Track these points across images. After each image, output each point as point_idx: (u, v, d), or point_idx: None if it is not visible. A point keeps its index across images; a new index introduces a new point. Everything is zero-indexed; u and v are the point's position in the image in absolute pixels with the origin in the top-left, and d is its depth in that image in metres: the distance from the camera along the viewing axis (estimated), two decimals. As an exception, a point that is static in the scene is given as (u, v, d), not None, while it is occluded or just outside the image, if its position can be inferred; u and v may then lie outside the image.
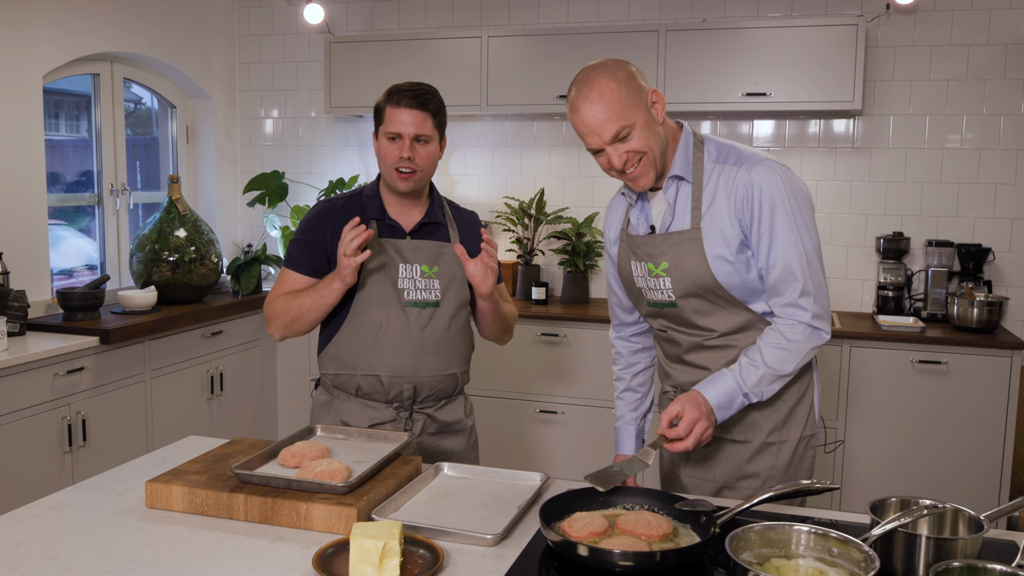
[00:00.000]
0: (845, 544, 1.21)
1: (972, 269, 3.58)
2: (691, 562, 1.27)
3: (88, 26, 3.59)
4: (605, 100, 1.56)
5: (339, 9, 4.35)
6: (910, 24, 3.67)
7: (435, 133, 1.90)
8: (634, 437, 1.91)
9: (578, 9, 4.05)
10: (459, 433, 2.04)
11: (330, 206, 1.98)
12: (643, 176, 1.63)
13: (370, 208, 1.96)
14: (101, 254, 3.95)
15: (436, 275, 1.94)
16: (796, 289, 1.62)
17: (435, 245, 1.95)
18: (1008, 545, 1.35)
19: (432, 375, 1.94)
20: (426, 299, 1.93)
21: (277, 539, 1.36)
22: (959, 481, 3.29)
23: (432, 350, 1.93)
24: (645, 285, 1.74)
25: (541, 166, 4.20)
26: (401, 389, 1.93)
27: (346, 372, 1.95)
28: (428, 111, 1.88)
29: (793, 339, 1.63)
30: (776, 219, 1.61)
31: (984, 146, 3.64)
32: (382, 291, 1.91)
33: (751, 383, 1.62)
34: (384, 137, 1.89)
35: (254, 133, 4.61)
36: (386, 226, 1.95)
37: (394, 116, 1.87)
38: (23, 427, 2.82)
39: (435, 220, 1.98)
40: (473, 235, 2.03)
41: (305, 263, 1.96)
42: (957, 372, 3.27)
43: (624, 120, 1.57)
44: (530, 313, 3.70)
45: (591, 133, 1.59)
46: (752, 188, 1.61)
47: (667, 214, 1.70)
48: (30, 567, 1.26)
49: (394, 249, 1.93)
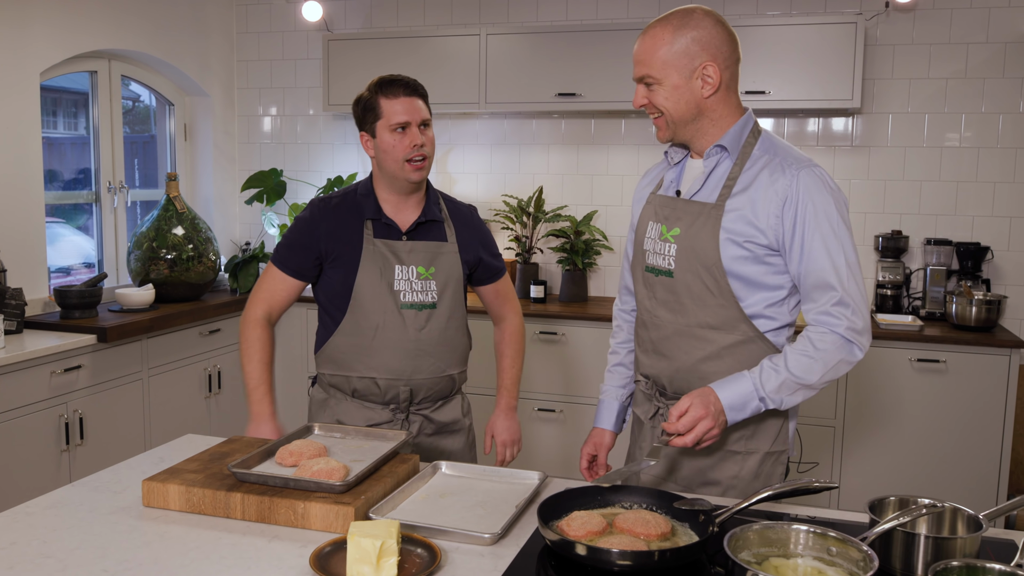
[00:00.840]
0: (844, 543, 1.21)
1: (971, 268, 3.58)
2: (689, 561, 1.26)
3: (86, 23, 3.58)
4: (647, 43, 1.59)
5: (337, 6, 4.35)
6: (909, 22, 3.66)
7: (430, 117, 1.91)
8: (616, 412, 1.88)
9: (577, 6, 4.05)
10: (457, 433, 2.04)
11: (324, 206, 1.95)
12: (659, 130, 1.66)
13: (365, 207, 1.93)
14: (99, 252, 3.95)
15: (433, 276, 1.92)
16: (833, 297, 1.55)
17: (431, 246, 1.93)
18: (1007, 544, 1.35)
19: (429, 377, 1.93)
20: (423, 301, 1.91)
21: (274, 538, 1.36)
22: (957, 480, 3.30)
23: (429, 352, 1.92)
24: (652, 248, 1.70)
25: (540, 164, 4.19)
26: (398, 391, 1.92)
27: (342, 373, 1.94)
28: (422, 96, 1.89)
29: (822, 348, 1.55)
30: (819, 226, 1.55)
31: (983, 144, 3.64)
32: (378, 293, 1.89)
33: (770, 388, 1.54)
34: (387, 131, 1.86)
35: (252, 131, 4.60)
36: (382, 226, 1.92)
37: (394, 107, 1.85)
38: (20, 425, 2.82)
39: (432, 218, 1.95)
40: (470, 231, 2.01)
41: (291, 264, 1.94)
42: (955, 371, 3.27)
43: (650, 70, 1.59)
44: (528, 311, 3.69)
45: (633, 62, 1.63)
46: (798, 192, 1.55)
47: (697, 182, 1.66)
48: (26, 566, 1.26)
49: (390, 250, 1.91)
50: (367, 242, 1.90)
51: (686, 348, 1.66)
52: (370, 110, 1.88)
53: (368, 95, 1.88)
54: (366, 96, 1.89)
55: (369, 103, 1.88)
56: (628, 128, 4.05)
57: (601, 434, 1.88)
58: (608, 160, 4.08)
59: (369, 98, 1.88)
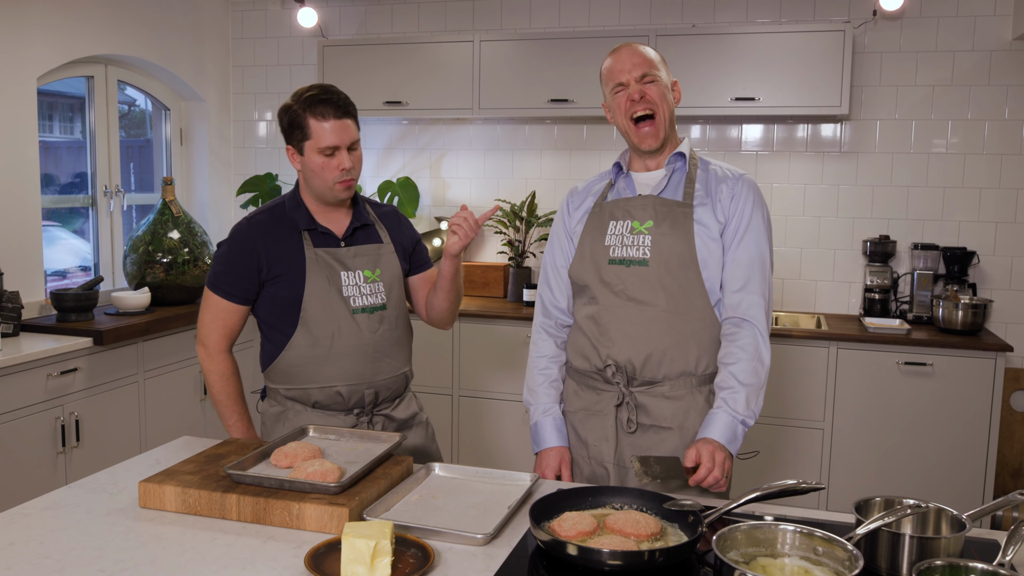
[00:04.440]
0: (830, 543, 1.23)
1: (957, 272, 3.62)
2: (679, 561, 1.28)
3: (82, 29, 3.60)
4: (641, 51, 1.83)
5: (332, 13, 4.37)
6: (896, 30, 3.71)
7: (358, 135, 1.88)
8: (558, 429, 1.88)
9: (569, 13, 4.08)
10: (416, 427, 2.03)
11: (254, 223, 1.90)
12: (651, 135, 1.81)
13: (299, 219, 1.89)
14: (95, 255, 3.95)
15: (379, 277, 1.92)
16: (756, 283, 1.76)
17: (372, 248, 1.94)
18: (991, 544, 1.37)
19: (388, 377, 1.94)
20: (374, 304, 1.90)
21: (269, 539, 1.38)
22: (944, 481, 3.33)
23: (386, 353, 1.93)
24: (618, 243, 1.81)
25: (532, 169, 4.22)
26: (362, 395, 1.91)
27: (300, 387, 1.90)
28: (351, 116, 1.85)
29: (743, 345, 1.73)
30: (754, 221, 1.79)
31: (969, 151, 3.68)
32: (329, 302, 1.86)
33: (741, 407, 1.70)
34: (315, 152, 1.82)
35: (247, 135, 4.62)
36: (319, 235, 1.90)
37: (323, 130, 1.80)
38: (16, 428, 2.83)
39: (365, 222, 1.96)
40: (399, 227, 2.03)
41: (237, 291, 1.89)
42: (942, 374, 3.30)
43: (652, 68, 1.80)
44: (521, 315, 3.72)
45: (622, 71, 1.80)
46: (741, 190, 1.81)
47: (659, 185, 1.84)
48: (23, 567, 1.27)
49: (333, 258, 1.88)
50: (308, 252, 1.87)
51: (659, 333, 1.76)
52: (298, 127, 1.83)
53: (297, 111, 1.82)
54: (294, 110, 1.82)
55: (297, 120, 1.82)
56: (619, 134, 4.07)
57: (561, 452, 1.87)
58: (600, 165, 4.11)
59: (298, 114, 1.82)
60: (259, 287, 1.90)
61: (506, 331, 3.74)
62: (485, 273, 4.11)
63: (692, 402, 1.79)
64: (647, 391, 1.80)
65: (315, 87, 1.85)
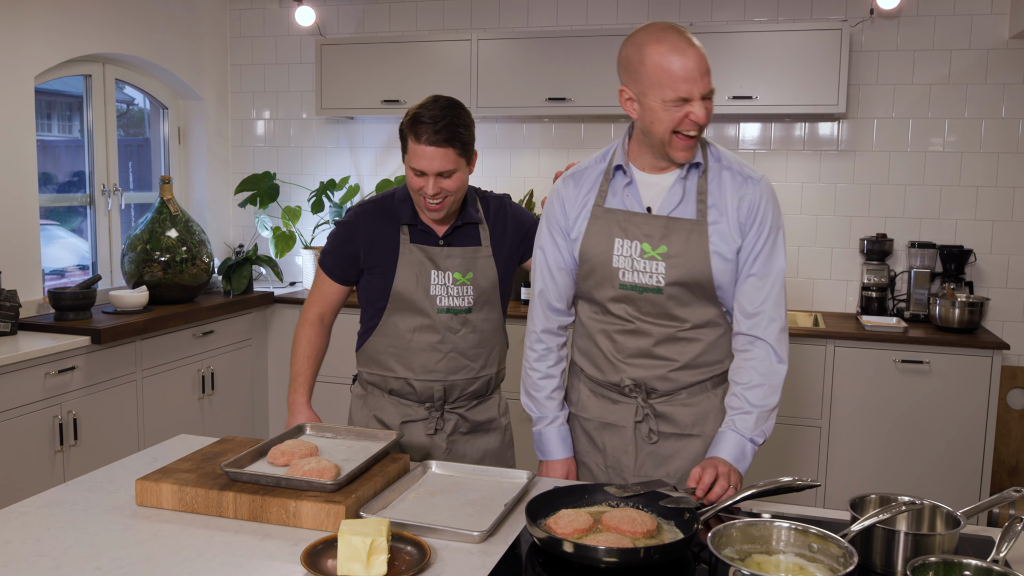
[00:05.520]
0: (824, 540, 1.24)
1: (954, 270, 3.63)
2: (674, 558, 1.29)
3: (80, 27, 3.59)
4: (701, 56, 1.59)
5: (330, 11, 4.37)
6: (893, 29, 3.71)
7: (461, 162, 1.82)
8: (563, 440, 1.83)
9: (567, 12, 4.08)
10: (492, 432, 2.06)
11: (361, 211, 1.98)
12: (691, 152, 1.65)
13: (402, 213, 1.93)
14: (93, 254, 3.95)
15: (470, 281, 1.93)
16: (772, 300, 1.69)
17: (468, 251, 1.94)
18: (985, 541, 1.38)
19: (464, 378, 1.96)
20: (459, 306, 1.93)
21: (266, 536, 1.38)
22: (941, 479, 3.34)
23: (464, 354, 1.95)
24: (628, 266, 1.68)
25: (530, 168, 4.22)
26: (432, 391, 1.95)
27: (379, 373, 1.99)
28: (453, 146, 1.79)
29: (757, 366, 1.68)
30: (772, 236, 1.69)
31: (966, 149, 3.69)
32: (415, 297, 1.91)
33: (749, 429, 1.66)
34: (409, 168, 1.83)
35: (245, 134, 4.62)
36: (419, 231, 1.93)
37: (416, 152, 1.80)
38: (14, 426, 2.83)
39: (468, 221, 1.95)
40: (506, 225, 1.99)
41: (336, 271, 1.99)
42: (939, 372, 3.31)
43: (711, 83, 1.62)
44: (520, 313, 3.72)
45: (690, 81, 1.57)
46: (761, 202, 1.68)
47: (670, 198, 1.69)
48: (21, 564, 1.27)
49: (427, 256, 1.92)
50: (403, 247, 1.92)
51: (678, 350, 1.73)
52: (402, 139, 1.85)
53: (405, 122, 1.83)
54: (404, 121, 1.84)
55: (401, 131, 1.85)
56: (617, 132, 4.08)
57: (567, 464, 1.84)
58: (598, 164, 4.11)
59: (404, 127, 1.84)
60: (359, 272, 1.98)
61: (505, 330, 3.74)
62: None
63: (709, 406, 1.77)
64: (665, 401, 1.76)
65: (431, 103, 1.81)
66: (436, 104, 1.81)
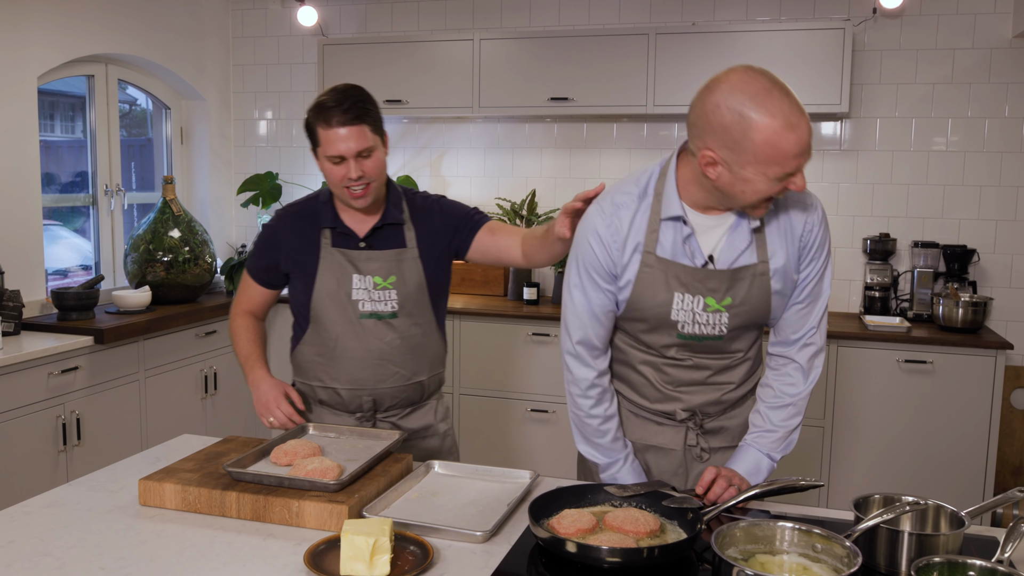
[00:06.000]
0: (828, 540, 1.23)
1: (957, 270, 3.62)
2: (678, 558, 1.29)
3: (83, 28, 3.60)
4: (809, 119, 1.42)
5: (332, 11, 4.37)
6: (896, 28, 3.71)
7: (376, 139, 1.78)
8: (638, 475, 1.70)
9: (569, 12, 4.08)
10: (429, 439, 1.99)
11: (283, 214, 1.94)
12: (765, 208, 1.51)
13: (323, 215, 1.87)
14: (96, 254, 3.96)
15: (393, 285, 1.85)
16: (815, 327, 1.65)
17: (390, 254, 1.86)
18: (990, 541, 1.37)
19: (394, 386, 1.89)
20: (383, 311, 1.85)
21: (269, 536, 1.38)
22: (944, 479, 3.33)
23: (393, 361, 1.87)
24: (689, 319, 1.58)
25: (533, 167, 4.22)
26: (361, 401, 1.90)
27: (307, 382, 1.94)
28: (364, 123, 1.75)
29: (787, 390, 1.66)
30: (828, 263, 1.63)
31: (969, 148, 3.68)
32: (337, 303, 1.85)
33: (771, 447, 1.66)
34: (324, 159, 1.77)
35: (248, 134, 4.62)
36: (339, 235, 1.87)
37: (329, 138, 1.74)
38: (18, 426, 2.83)
39: (390, 221, 1.87)
40: (433, 224, 1.91)
41: (261, 275, 1.96)
42: (942, 372, 3.30)
43: None
44: (521, 313, 3.72)
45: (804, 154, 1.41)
46: (817, 224, 1.59)
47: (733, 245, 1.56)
48: (24, 564, 1.27)
49: (347, 259, 1.85)
50: (324, 251, 1.86)
51: (729, 377, 1.70)
52: (310, 133, 1.79)
53: (308, 117, 1.79)
54: (307, 116, 1.79)
55: (308, 126, 1.79)
56: (620, 132, 4.08)
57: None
58: (600, 164, 4.11)
59: (309, 120, 1.78)
60: (283, 276, 1.95)
61: (506, 329, 3.75)
62: (485, 271, 4.12)
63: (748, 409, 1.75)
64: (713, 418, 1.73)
65: (329, 92, 1.78)
66: (336, 90, 1.78)
